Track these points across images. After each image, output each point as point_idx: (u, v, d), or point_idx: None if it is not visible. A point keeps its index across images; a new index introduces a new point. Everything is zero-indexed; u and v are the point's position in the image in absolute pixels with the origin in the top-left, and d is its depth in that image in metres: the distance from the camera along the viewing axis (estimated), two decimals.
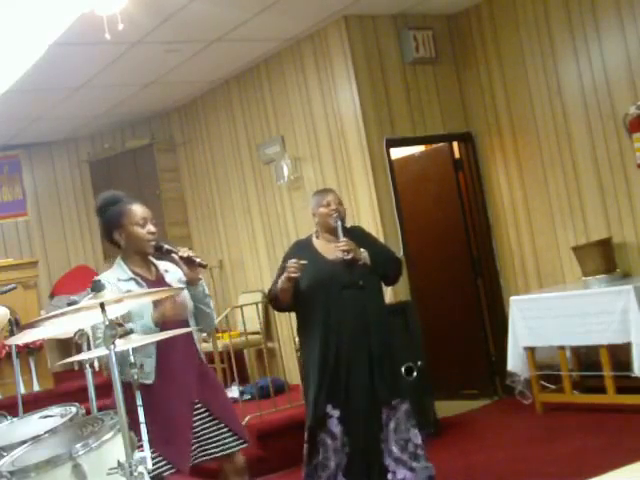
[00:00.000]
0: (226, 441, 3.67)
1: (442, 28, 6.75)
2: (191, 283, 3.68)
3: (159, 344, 3.46)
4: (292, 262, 4.15)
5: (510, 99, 6.51)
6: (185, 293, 3.66)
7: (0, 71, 6.13)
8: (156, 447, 3.34)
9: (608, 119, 5.87)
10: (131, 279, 3.60)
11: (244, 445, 3.72)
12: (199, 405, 3.64)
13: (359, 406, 4.17)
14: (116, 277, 3.59)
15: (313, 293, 4.21)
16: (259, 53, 6.92)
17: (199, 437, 3.62)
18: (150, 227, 3.65)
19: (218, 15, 5.70)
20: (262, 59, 7.10)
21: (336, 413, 4.18)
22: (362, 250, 4.23)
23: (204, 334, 4.91)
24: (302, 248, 4.40)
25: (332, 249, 4.29)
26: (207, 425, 3.64)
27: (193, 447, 3.60)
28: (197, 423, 3.62)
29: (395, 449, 4.21)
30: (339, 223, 4.27)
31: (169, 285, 3.66)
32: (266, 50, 6.87)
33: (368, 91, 6.34)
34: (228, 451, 3.68)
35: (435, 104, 6.68)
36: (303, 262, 4.14)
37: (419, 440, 4.24)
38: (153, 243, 3.63)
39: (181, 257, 3.59)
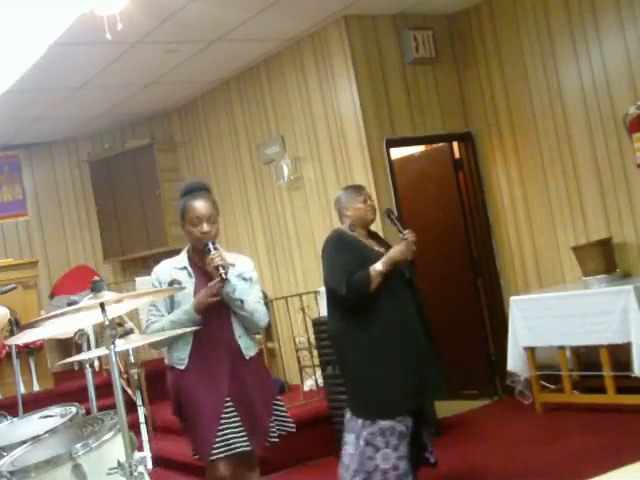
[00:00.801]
0: (240, 440, 3.71)
1: (442, 28, 6.75)
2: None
3: (196, 333, 3.65)
4: (411, 235, 4.21)
5: (510, 99, 6.52)
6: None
7: (0, 71, 6.13)
8: (184, 430, 3.73)
9: (608, 119, 5.87)
10: (184, 268, 3.81)
11: (248, 448, 3.73)
12: (229, 402, 3.71)
13: (436, 396, 4.37)
14: (174, 264, 3.84)
15: (385, 284, 4.19)
16: (259, 53, 6.92)
17: (224, 432, 3.67)
18: (203, 226, 3.76)
19: (218, 15, 5.70)
20: (262, 59, 7.10)
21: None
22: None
23: (257, 332, 4.91)
24: (349, 239, 4.36)
25: (370, 243, 4.36)
26: (231, 423, 3.70)
27: (218, 441, 3.65)
28: (223, 419, 3.68)
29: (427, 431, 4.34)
30: (394, 216, 4.43)
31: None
32: (266, 50, 6.87)
33: (368, 91, 6.35)
34: (240, 450, 3.71)
35: (435, 104, 6.68)
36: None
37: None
38: (203, 242, 3.75)
39: (209, 264, 3.69)
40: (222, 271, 3.64)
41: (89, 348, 3.72)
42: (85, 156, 8.82)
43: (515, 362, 5.94)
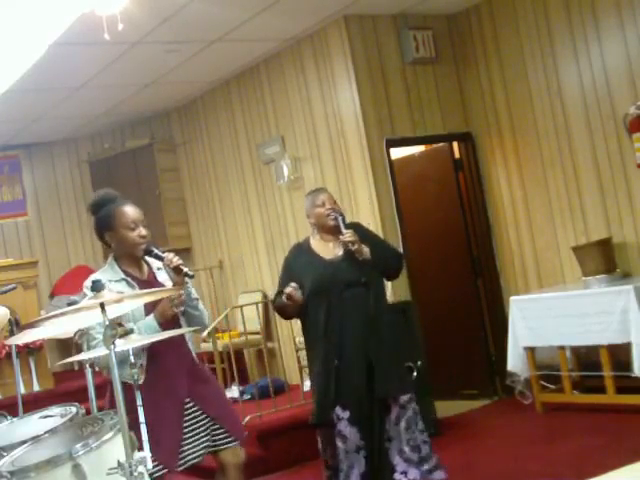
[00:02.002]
0: (219, 437, 3.65)
1: (442, 28, 6.75)
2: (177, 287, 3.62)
3: (149, 345, 3.44)
4: (288, 290, 4.13)
5: (510, 99, 6.51)
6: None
7: (0, 71, 6.13)
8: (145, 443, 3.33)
9: (608, 119, 5.87)
10: (122, 279, 3.58)
11: (234, 443, 3.69)
12: (191, 403, 3.62)
13: (368, 405, 4.14)
14: (107, 278, 3.53)
15: (315, 296, 4.18)
16: (259, 53, 6.92)
17: (192, 435, 3.60)
18: (141, 230, 3.60)
19: (218, 15, 5.70)
20: (262, 59, 7.10)
21: (346, 415, 4.14)
22: (363, 245, 4.21)
23: (203, 334, 4.90)
24: (301, 252, 4.38)
25: (330, 249, 4.29)
26: (200, 423, 3.62)
27: (186, 446, 3.57)
28: (189, 421, 3.60)
29: (407, 449, 4.18)
30: (340, 219, 4.25)
31: (161, 284, 3.65)
32: (266, 50, 6.87)
33: (368, 91, 6.34)
34: (220, 447, 3.65)
35: (435, 104, 6.68)
36: (294, 285, 4.14)
37: (418, 441, 4.23)
38: (143, 247, 3.60)
39: (168, 265, 3.58)
40: (185, 269, 3.53)
41: (89, 348, 3.71)
42: (85, 156, 8.82)
43: (515, 362, 5.94)
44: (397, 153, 6.80)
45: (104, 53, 6.08)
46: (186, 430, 3.58)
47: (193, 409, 3.62)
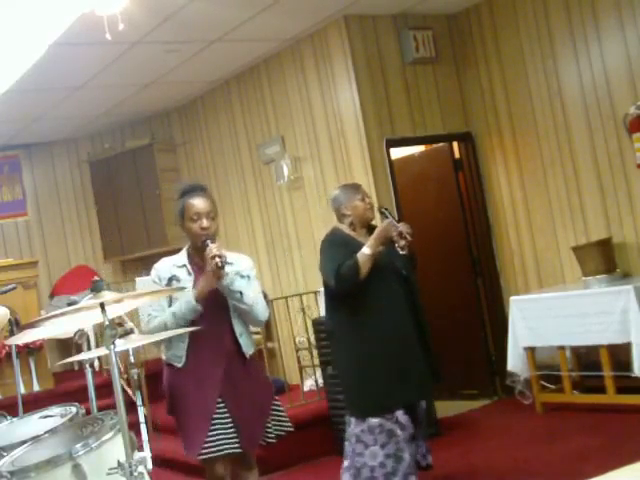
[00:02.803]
0: (235, 444, 3.70)
1: (442, 28, 6.75)
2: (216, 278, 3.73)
3: (192, 334, 3.64)
4: (403, 225, 4.21)
5: (510, 99, 6.51)
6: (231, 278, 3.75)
7: (0, 71, 6.13)
8: (177, 428, 3.73)
9: (608, 119, 5.87)
10: (183, 266, 3.81)
11: (237, 450, 3.71)
12: (221, 402, 3.70)
13: (423, 394, 4.27)
14: (173, 262, 3.84)
15: (373, 282, 4.19)
16: (259, 53, 6.92)
17: (215, 432, 3.67)
18: (203, 222, 3.77)
19: (218, 15, 5.70)
20: (262, 59, 7.10)
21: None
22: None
23: (259, 326, 4.98)
24: (343, 238, 4.36)
25: (367, 241, 4.31)
26: (223, 423, 3.68)
27: (209, 440, 3.64)
28: (215, 419, 3.67)
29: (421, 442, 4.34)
30: (387, 211, 4.41)
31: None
32: (266, 50, 6.87)
33: (368, 91, 6.34)
34: (229, 452, 3.68)
35: (435, 104, 6.68)
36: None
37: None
38: (202, 238, 3.75)
39: (207, 255, 3.69)
40: (218, 260, 3.62)
41: (89, 348, 3.72)
42: (85, 156, 8.81)
43: (515, 362, 5.94)
44: (397, 153, 6.80)
45: (104, 53, 6.08)
46: (213, 425, 3.66)
47: (222, 409, 3.70)
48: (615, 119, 5.82)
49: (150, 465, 2.88)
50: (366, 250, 4.16)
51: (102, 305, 2.79)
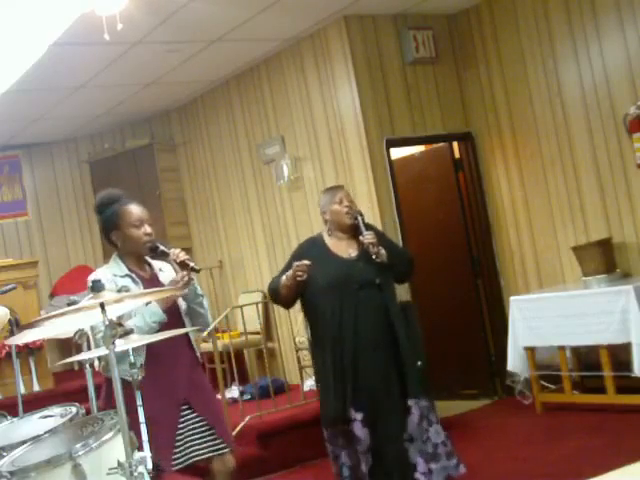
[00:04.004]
0: (212, 443, 3.64)
1: (442, 28, 6.75)
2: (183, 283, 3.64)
3: (149, 342, 3.41)
4: (300, 263, 4.07)
5: (510, 99, 6.51)
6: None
7: (0, 71, 6.13)
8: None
9: (608, 119, 5.87)
10: (127, 275, 3.64)
11: (226, 450, 3.68)
12: (186, 406, 3.62)
13: (383, 407, 4.09)
14: (112, 273, 3.62)
15: (327, 293, 4.13)
16: (259, 53, 6.92)
17: (185, 438, 3.60)
18: (146, 228, 3.66)
19: (218, 15, 5.70)
20: (262, 59, 7.10)
21: (359, 416, 4.08)
22: (380, 248, 4.17)
23: (203, 334, 4.90)
24: (314, 246, 4.31)
25: (344, 247, 4.24)
26: (193, 427, 3.62)
27: (178, 448, 3.57)
28: (183, 424, 3.60)
29: (428, 448, 4.20)
30: (360, 218, 4.21)
31: (162, 284, 3.68)
32: (266, 50, 6.87)
33: (368, 91, 6.34)
34: (213, 454, 3.64)
35: (435, 104, 6.68)
36: (307, 263, 4.07)
37: (439, 439, 4.21)
38: (148, 245, 3.64)
39: (174, 260, 3.60)
40: (192, 264, 3.55)
41: (89, 348, 3.71)
42: (85, 156, 8.82)
43: (515, 362, 5.94)
44: (397, 153, 6.80)
45: (104, 53, 6.08)
46: (180, 433, 3.58)
47: (189, 414, 3.62)
48: (615, 119, 5.82)
49: (150, 465, 2.87)
50: (283, 278, 4.19)
51: (102, 305, 2.79)
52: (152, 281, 3.68)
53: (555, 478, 4.50)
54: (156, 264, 3.76)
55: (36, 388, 7.00)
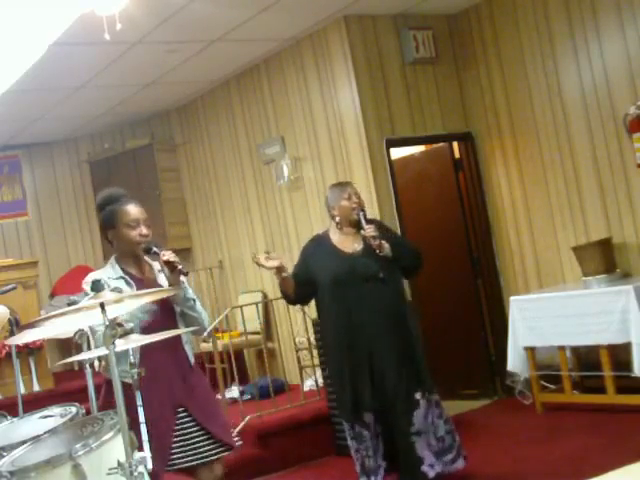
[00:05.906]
0: (206, 449, 3.62)
1: (442, 28, 6.75)
2: (172, 286, 3.61)
3: (143, 345, 3.39)
4: (255, 257, 4.27)
5: (510, 99, 6.51)
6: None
7: (0, 71, 6.13)
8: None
9: (608, 119, 5.87)
10: (120, 277, 3.62)
11: (226, 453, 3.67)
12: (182, 410, 3.61)
13: (391, 400, 4.20)
14: (106, 275, 3.60)
15: (333, 289, 4.22)
16: (259, 53, 6.92)
17: (181, 442, 3.58)
18: (142, 229, 3.64)
19: (218, 15, 5.70)
20: (262, 59, 7.10)
21: (371, 409, 4.24)
22: (384, 242, 4.24)
23: (203, 335, 4.89)
24: (320, 243, 4.42)
25: (350, 242, 4.33)
26: (189, 431, 3.60)
27: (174, 453, 3.55)
28: (179, 428, 3.59)
29: (434, 442, 4.30)
30: (361, 214, 4.31)
31: (160, 286, 3.66)
32: (266, 50, 6.87)
33: (368, 91, 6.34)
34: (208, 459, 3.62)
35: (435, 104, 6.68)
36: (260, 256, 4.25)
37: (442, 432, 4.31)
38: (143, 245, 3.62)
39: (163, 260, 3.57)
40: (180, 266, 3.53)
41: (89, 348, 3.71)
42: (85, 156, 8.82)
43: (515, 362, 5.94)
44: (397, 153, 6.80)
45: (104, 53, 6.08)
46: (176, 436, 3.57)
47: (185, 417, 3.61)
48: (615, 119, 5.82)
49: (150, 465, 2.87)
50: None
51: (102, 305, 2.79)
52: (148, 282, 3.66)
53: (555, 478, 4.50)
54: (156, 265, 3.75)
55: (36, 388, 7.00)
